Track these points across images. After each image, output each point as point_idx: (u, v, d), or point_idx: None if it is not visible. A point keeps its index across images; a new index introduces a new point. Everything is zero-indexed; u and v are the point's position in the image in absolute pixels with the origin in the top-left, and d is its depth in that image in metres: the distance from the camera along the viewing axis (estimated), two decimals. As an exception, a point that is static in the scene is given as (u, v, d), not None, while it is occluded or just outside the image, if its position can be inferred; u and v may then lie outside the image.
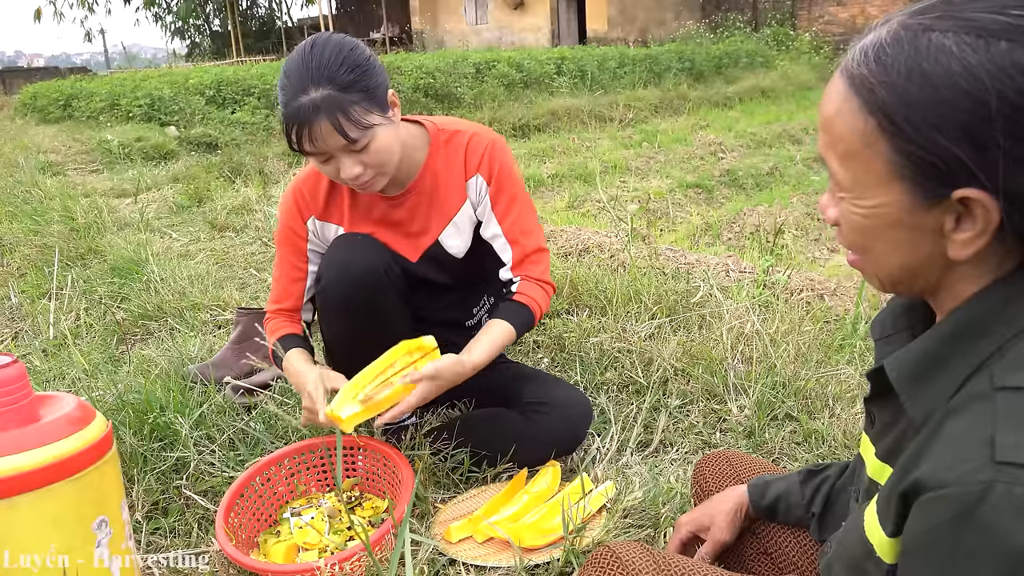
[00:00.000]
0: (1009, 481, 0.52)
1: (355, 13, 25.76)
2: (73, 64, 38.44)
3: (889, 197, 0.61)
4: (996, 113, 0.53)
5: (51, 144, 7.18)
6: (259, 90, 9.02)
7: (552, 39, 18.62)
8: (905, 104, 0.57)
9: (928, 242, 0.62)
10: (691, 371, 1.99)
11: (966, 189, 0.56)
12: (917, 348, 0.66)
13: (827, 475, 1.00)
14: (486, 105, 9.56)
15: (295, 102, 1.33)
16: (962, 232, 0.59)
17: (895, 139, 0.59)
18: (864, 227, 0.65)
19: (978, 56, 0.54)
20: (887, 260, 0.66)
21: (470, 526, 1.43)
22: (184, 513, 1.52)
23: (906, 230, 0.62)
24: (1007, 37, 0.54)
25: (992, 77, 0.53)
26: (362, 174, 1.41)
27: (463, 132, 1.59)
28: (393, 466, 1.48)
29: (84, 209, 4.14)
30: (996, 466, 0.53)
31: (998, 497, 0.52)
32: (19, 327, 2.72)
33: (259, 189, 5.01)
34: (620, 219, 4.18)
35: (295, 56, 1.37)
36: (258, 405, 1.85)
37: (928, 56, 0.56)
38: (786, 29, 16.34)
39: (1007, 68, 0.53)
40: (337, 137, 1.35)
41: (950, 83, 0.55)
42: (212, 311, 2.71)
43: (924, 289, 0.67)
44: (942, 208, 0.59)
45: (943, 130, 0.56)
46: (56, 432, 1.04)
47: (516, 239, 1.58)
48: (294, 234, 1.61)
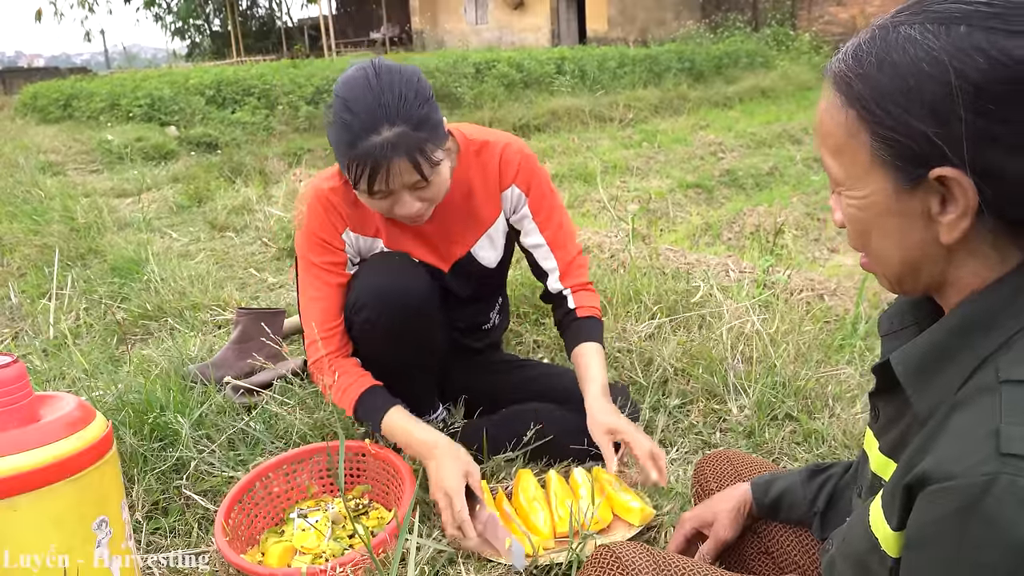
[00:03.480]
0: (1014, 473, 0.52)
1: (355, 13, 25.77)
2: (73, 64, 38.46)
3: (876, 185, 0.64)
4: (957, 91, 0.57)
5: (51, 144, 7.19)
6: (259, 90, 9.02)
7: (552, 39, 18.62)
8: (878, 92, 0.61)
9: (919, 228, 0.64)
10: (691, 371, 1.99)
11: (940, 168, 0.59)
12: (924, 341, 0.67)
13: (831, 473, 1.00)
14: (486, 105, 9.56)
15: (366, 141, 1.26)
16: (947, 214, 0.61)
17: (873, 126, 0.62)
18: (860, 219, 0.67)
19: (939, 41, 0.58)
20: (886, 252, 0.67)
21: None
22: (184, 513, 1.52)
23: (896, 217, 0.64)
24: (966, 22, 0.57)
25: (952, 57, 0.57)
26: (420, 209, 1.39)
27: (494, 143, 1.57)
28: (394, 471, 1.48)
29: (84, 209, 4.15)
30: (1001, 458, 0.53)
31: (1003, 489, 0.52)
32: (19, 327, 2.72)
33: (259, 189, 5.01)
34: (620, 219, 4.18)
35: (359, 89, 1.29)
36: (258, 405, 1.85)
37: (897, 47, 0.60)
38: (786, 29, 16.34)
39: (966, 49, 0.56)
40: (411, 176, 1.31)
41: (916, 68, 0.59)
42: (212, 311, 2.71)
43: (929, 285, 0.68)
44: (924, 191, 0.61)
45: (912, 112, 0.59)
46: (56, 432, 1.04)
47: (559, 247, 1.62)
48: (331, 245, 1.52)
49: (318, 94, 9.01)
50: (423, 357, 1.56)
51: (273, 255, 3.58)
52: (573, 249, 1.64)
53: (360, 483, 1.57)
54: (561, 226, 1.63)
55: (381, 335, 1.48)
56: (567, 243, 1.63)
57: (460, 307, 1.69)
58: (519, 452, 1.60)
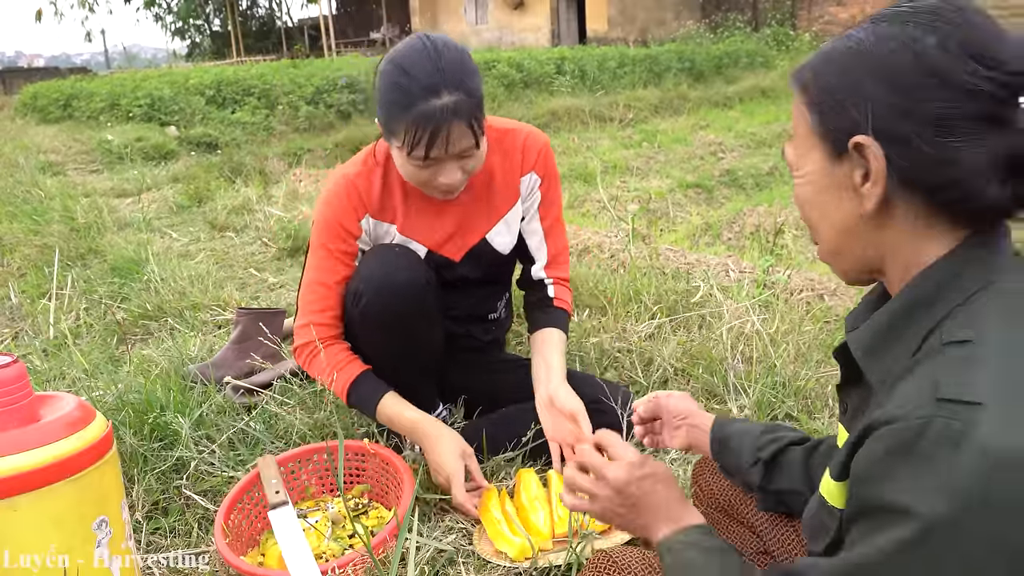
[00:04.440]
0: (948, 416, 0.58)
1: (355, 13, 25.78)
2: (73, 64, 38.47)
3: (815, 162, 0.75)
4: (872, 69, 0.69)
5: (51, 144, 7.19)
6: (259, 90, 9.02)
7: (552, 39, 18.62)
8: (820, 77, 0.73)
9: (848, 200, 0.73)
10: (691, 371, 1.99)
11: (857, 137, 0.69)
12: (874, 322, 0.74)
13: (784, 434, 1.04)
14: (486, 105, 9.56)
15: (426, 104, 1.28)
16: (866, 184, 0.70)
17: (812, 106, 0.74)
18: (803, 197, 0.78)
19: (866, 33, 0.71)
20: (824, 228, 0.77)
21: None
22: (184, 513, 1.52)
23: (830, 192, 0.74)
24: (887, 19, 0.70)
25: (872, 44, 0.69)
26: (461, 179, 1.42)
27: (517, 130, 1.62)
28: (394, 471, 1.48)
29: (84, 209, 4.15)
30: (937, 403, 0.59)
31: (937, 431, 0.58)
32: (19, 327, 2.72)
33: (259, 189, 5.01)
34: (620, 219, 4.18)
35: (416, 55, 1.32)
36: (258, 405, 1.85)
37: (839, 43, 0.73)
38: (786, 29, 16.34)
39: (883, 38, 0.69)
40: (467, 142, 1.34)
41: (846, 56, 0.71)
42: (212, 311, 2.71)
43: (871, 268, 0.76)
44: (850, 163, 0.71)
45: (840, 89, 0.71)
46: (56, 432, 1.04)
47: (553, 239, 1.68)
48: (346, 232, 1.52)
49: (318, 94, 9.01)
50: (420, 350, 1.55)
51: (273, 255, 3.58)
52: (563, 242, 1.71)
53: (360, 483, 1.57)
54: (558, 218, 1.70)
55: (377, 325, 1.49)
56: (560, 236, 1.70)
57: (469, 293, 1.69)
58: (519, 452, 1.60)
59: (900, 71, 0.67)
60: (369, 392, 1.51)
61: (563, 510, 1.40)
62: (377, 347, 1.53)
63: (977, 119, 0.64)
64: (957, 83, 0.64)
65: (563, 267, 1.70)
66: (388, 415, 1.50)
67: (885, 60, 0.68)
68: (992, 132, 0.64)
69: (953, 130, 0.65)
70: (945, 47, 0.65)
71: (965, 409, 0.58)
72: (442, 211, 1.57)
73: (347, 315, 1.53)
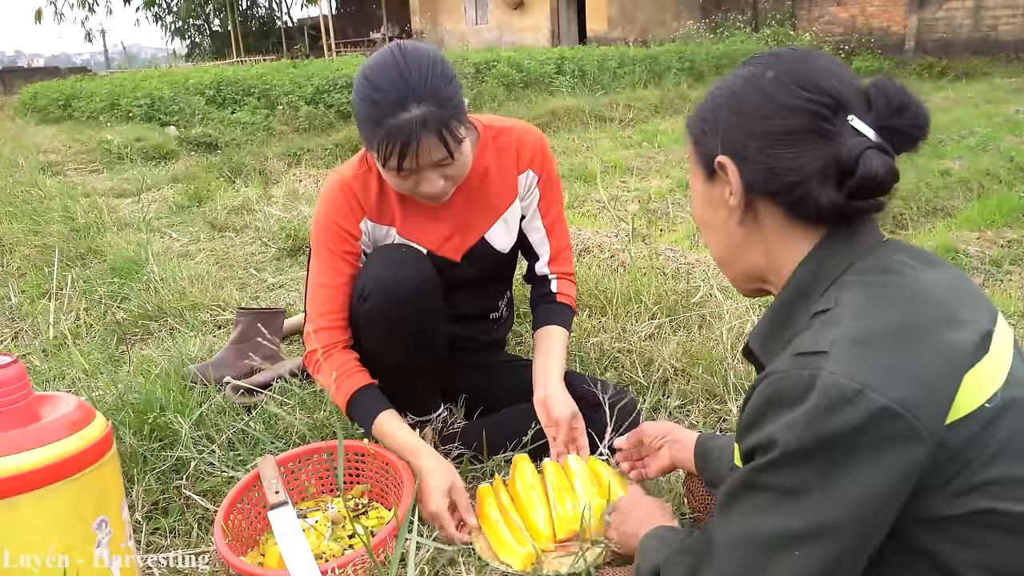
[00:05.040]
0: (800, 367, 0.71)
1: (355, 13, 25.78)
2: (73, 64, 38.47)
3: (697, 183, 0.90)
4: (726, 99, 0.84)
5: (51, 144, 7.19)
6: (259, 90, 9.02)
7: (552, 39, 18.63)
8: (697, 115, 0.89)
9: (722, 214, 0.87)
10: (691, 371, 1.99)
11: (718, 157, 0.83)
12: (764, 318, 0.87)
13: None
14: (486, 105, 9.56)
15: (395, 119, 1.29)
16: (731, 197, 0.84)
17: (691, 138, 0.90)
18: (696, 215, 0.93)
19: (732, 74, 0.86)
20: (711, 242, 0.92)
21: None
22: (184, 513, 1.52)
23: (709, 208, 0.89)
24: (747, 63, 0.85)
25: (730, 81, 0.85)
26: (444, 187, 1.42)
27: (511, 128, 1.62)
28: (393, 470, 1.48)
29: (84, 209, 4.15)
30: (794, 358, 0.72)
31: (792, 380, 0.71)
32: (19, 327, 2.72)
33: (259, 189, 5.01)
34: (620, 219, 4.18)
35: (385, 68, 1.32)
36: (258, 405, 1.85)
37: (711, 91, 0.88)
38: (786, 29, 16.33)
39: (739, 76, 0.85)
40: (439, 152, 1.34)
41: (713, 98, 0.87)
42: (212, 311, 2.71)
43: (755, 275, 0.89)
44: (719, 183, 0.85)
45: (706, 119, 0.86)
46: (56, 432, 1.04)
47: (555, 235, 1.68)
48: (347, 232, 1.52)
49: (318, 94, 9.00)
50: (424, 349, 1.55)
51: (273, 255, 3.58)
52: (565, 238, 1.72)
53: (359, 483, 1.57)
54: (560, 215, 1.70)
55: (382, 324, 1.48)
56: (562, 232, 1.71)
57: (471, 293, 1.69)
58: (519, 452, 1.60)
59: (745, 99, 0.82)
60: (367, 408, 1.50)
61: (561, 505, 1.40)
62: (381, 346, 1.52)
63: (805, 133, 0.77)
64: (787, 105, 0.78)
65: (567, 262, 1.71)
66: (382, 434, 1.49)
67: (736, 91, 0.83)
68: (819, 144, 0.77)
69: (786, 143, 0.78)
70: (778, 79, 0.80)
71: (814, 359, 0.70)
72: (440, 212, 1.57)
73: (352, 313, 1.53)
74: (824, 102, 0.77)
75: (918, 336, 0.70)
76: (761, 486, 0.73)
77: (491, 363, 1.80)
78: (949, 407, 0.69)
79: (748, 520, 0.74)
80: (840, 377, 0.67)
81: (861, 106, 0.78)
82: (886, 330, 0.71)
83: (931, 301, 0.74)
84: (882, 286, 0.75)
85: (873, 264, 0.78)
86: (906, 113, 0.77)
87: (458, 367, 1.74)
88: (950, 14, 15.66)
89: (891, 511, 0.70)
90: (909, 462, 0.68)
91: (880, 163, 0.74)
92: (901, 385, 0.67)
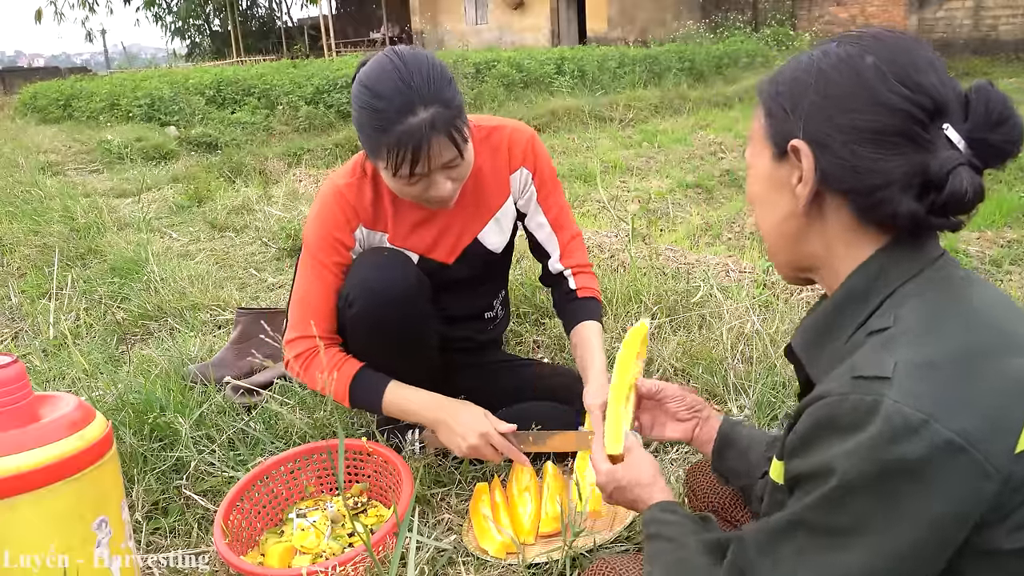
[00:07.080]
0: (862, 392, 0.66)
1: (355, 13, 25.78)
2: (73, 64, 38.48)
3: (763, 164, 0.82)
4: (814, 80, 0.76)
5: (51, 144, 7.19)
6: (259, 90, 9.02)
7: (552, 39, 18.63)
8: (773, 85, 0.81)
9: (786, 199, 0.80)
10: (691, 371, 1.99)
11: (794, 140, 0.76)
12: (811, 321, 0.83)
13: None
14: (486, 105, 9.56)
15: (402, 124, 1.27)
16: (800, 185, 0.77)
17: (764, 109, 0.81)
18: (752, 191, 0.85)
19: (819, 51, 0.78)
20: (765, 221, 0.84)
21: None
22: (184, 513, 1.52)
23: (772, 188, 0.81)
24: (838, 41, 0.77)
25: (819, 60, 0.76)
26: (452, 189, 1.41)
27: (502, 127, 1.61)
28: (392, 468, 1.48)
29: (84, 209, 4.15)
30: (853, 381, 0.68)
31: (852, 404, 0.66)
32: (19, 327, 2.72)
33: (259, 189, 5.01)
34: (620, 219, 4.18)
35: (385, 75, 1.30)
36: (258, 405, 1.85)
37: (797, 58, 0.80)
38: (786, 29, 16.33)
39: (829, 55, 0.76)
40: (450, 153, 1.33)
41: (797, 69, 0.79)
42: (212, 311, 2.71)
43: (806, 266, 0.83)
44: (789, 165, 0.78)
45: (784, 96, 0.78)
46: (56, 432, 1.04)
47: (561, 228, 1.67)
48: (340, 244, 1.50)
49: (318, 94, 9.00)
50: (414, 352, 1.54)
51: (273, 255, 3.58)
52: (573, 229, 1.69)
53: (358, 481, 1.57)
54: (562, 208, 1.68)
55: (368, 327, 1.47)
56: (568, 224, 1.69)
57: (463, 294, 1.68)
58: None
59: (836, 83, 0.74)
60: (372, 384, 1.48)
61: (552, 504, 1.41)
62: (370, 351, 1.52)
63: (897, 135, 0.71)
64: (883, 100, 0.71)
65: (579, 254, 1.68)
66: (395, 401, 1.47)
67: (826, 73, 0.75)
68: (909, 149, 0.71)
69: (873, 142, 0.71)
70: (878, 68, 0.72)
71: (877, 384, 0.66)
72: (432, 215, 1.56)
73: (340, 319, 1.52)
74: (923, 104, 0.71)
75: (981, 363, 0.67)
76: (815, 526, 0.69)
77: (488, 363, 1.80)
78: (1017, 439, 0.65)
79: (802, 563, 0.70)
80: (904, 406, 0.64)
81: (958, 113, 0.72)
82: (949, 357, 0.67)
83: (989, 324, 0.70)
84: (941, 306, 0.71)
85: (932, 278, 0.74)
86: (1003, 128, 0.71)
87: (455, 367, 1.73)
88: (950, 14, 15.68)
89: (952, 547, 0.66)
90: (974, 498, 0.64)
91: (970, 182, 0.69)
92: (966, 417, 0.63)
